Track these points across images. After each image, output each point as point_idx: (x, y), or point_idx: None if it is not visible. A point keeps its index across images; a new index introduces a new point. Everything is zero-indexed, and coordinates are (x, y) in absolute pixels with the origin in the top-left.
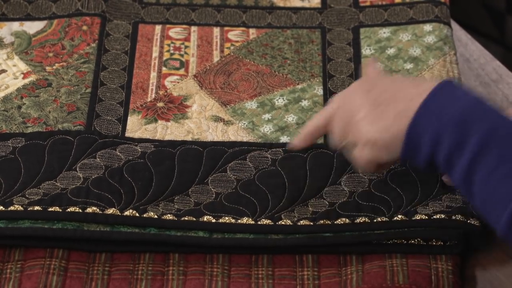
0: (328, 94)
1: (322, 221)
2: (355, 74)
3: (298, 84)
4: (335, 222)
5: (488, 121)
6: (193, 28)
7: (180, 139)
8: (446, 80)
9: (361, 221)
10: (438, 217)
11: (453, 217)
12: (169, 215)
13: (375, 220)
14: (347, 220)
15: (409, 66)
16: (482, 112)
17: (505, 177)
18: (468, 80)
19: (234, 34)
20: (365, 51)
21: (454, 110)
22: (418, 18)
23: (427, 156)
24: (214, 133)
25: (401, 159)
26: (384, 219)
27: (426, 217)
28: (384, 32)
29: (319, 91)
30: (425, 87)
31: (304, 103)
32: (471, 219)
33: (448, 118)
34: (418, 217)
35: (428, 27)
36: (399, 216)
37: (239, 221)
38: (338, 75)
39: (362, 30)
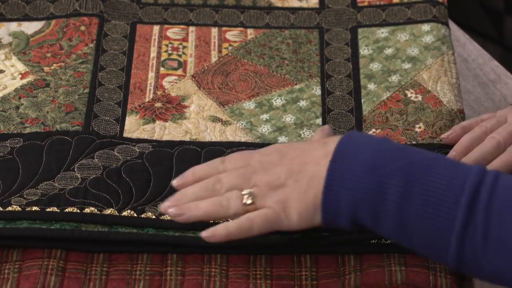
0: (326, 94)
1: None
2: (353, 74)
3: (296, 84)
4: None
5: (400, 159)
6: (191, 28)
7: (178, 140)
8: (347, 134)
9: None
10: None
11: None
12: (167, 215)
13: None
14: None
15: (407, 66)
16: (390, 153)
17: (435, 210)
18: (466, 80)
19: (232, 34)
20: (363, 51)
21: (364, 159)
22: (416, 18)
23: (348, 215)
24: (212, 134)
25: (322, 224)
26: None
27: None
28: (382, 32)
29: (317, 91)
30: (330, 147)
31: (302, 103)
32: None
33: (360, 169)
34: None
35: (426, 27)
36: None
37: None
38: (336, 75)
39: (360, 30)
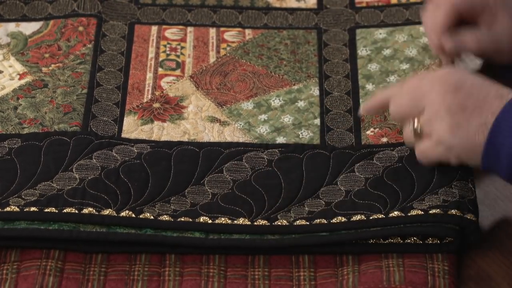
0: (324, 94)
1: (318, 221)
2: (351, 75)
3: (294, 84)
4: (331, 221)
5: None
6: (189, 29)
7: (176, 140)
8: None
9: (357, 219)
10: (434, 212)
11: (449, 212)
12: (165, 215)
13: (371, 218)
14: (343, 218)
15: (405, 66)
16: None
17: None
18: None
19: (230, 34)
20: (361, 51)
21: None
22: (414, 19)
23: (507, 169)
24: (210, 134)
25: (482, 169)
26: (380, 216)
27: (422, 212)
28: (380, 33)
29: (315, 91)
30: (505, 100)
31: (300, 103)
32: (467, 214)
33: None
34: (414, 212)
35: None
36: (395, 212)
37: (235, 221)
38: (334, 76)
39: (358, 31)
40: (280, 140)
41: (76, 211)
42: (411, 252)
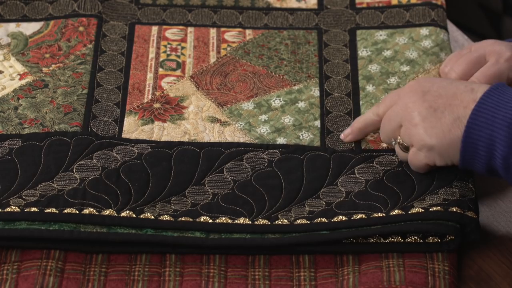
0: (324, 95)
1: (318, 220)
2: (352, 76)
3: (294, 85)
4: (332, 220)
5: None
6: (190, 29)
7: (176, 140)
8: (498, 84)
9: (358, 217)
10: (434, 209)
11: (450, 210)
12: (165, 215)
13: (371, 216)
14: (344, 217)
15: (405, 68)
16: None
17: None
18: None
19: (231, 35)
20: (362, 52)
21: (504, 113)
22: (414, 21)
23: (485, 162)
24: (211, 134)
25: (460, 166)
26: (381, 214)
27: (423, 210)
28: (381, 34)
29: (316, 92)
30: (477, 95)
31: (301, 104)
32: (467, 211)
33: (500, 122)
34: (414, 210)
35: (424, 31)
36: (396, 211)
37: (236, 221)
38: (335, 76)
39: (358, 32)
40: (281, 140)
41: (77, 212)
42: (411, 251)
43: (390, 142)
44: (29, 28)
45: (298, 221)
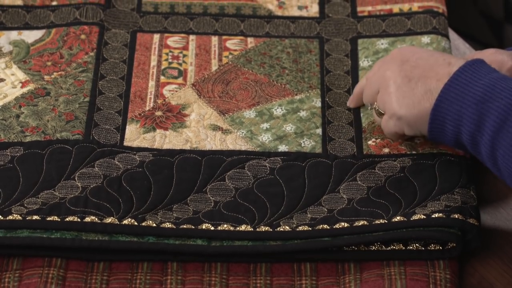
0: (325, 107)
1: (320, 226)
2: (353, 89)
3: (296, 94)
4: (334, 227)
5: (505, 98)
6: (191, 37)
7: (178, 148)
8: (473, 60)
9: (360, 224)
10: (436, 216)
11: (452, 216)
12: (167, 223)
13: (373, 223)
14: (345, 224)
15: None
16: (500, 90)
17: None
18: None
19: (232, 43)
20: (363, 62)
21: (475, 90)
22: (416, 29)
23: (452, 137)
24: (213, 142)
25: (428, 137)
26: (383, 221)
27: (425, 216)
28: (382, 43)
29: (317, 103)
30: (455, 67)
31: (302, 113)
32: (469, 218)
33: (469, 99)
34: (416, 217)
35: (426, 39)
36: (397, 217)
37: (238, 228)
38: (336, 89)
39: (360, 41)
40: (282, 148)
41: (78, 220)
42: (413, 259)
43: (371, 106)
44: (31, 36)
45: (300, 228)
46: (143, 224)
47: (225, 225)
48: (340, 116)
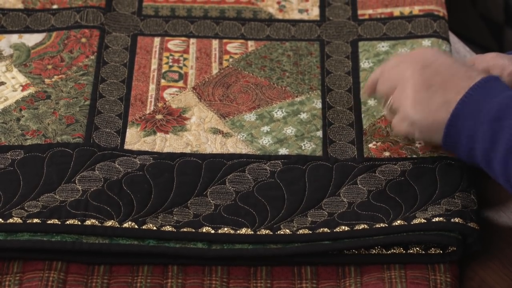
0: (326, 107)
1: (321, 230)
2: (354, 88)
3: (297, 96)
4: (334, 230)
5: None
6: (192, 40)
7: (179, 151)
8: (490, 77)
9: (360, 228)
10: (437, 220)
11: (452, 220)
12: (168, 226)
13: (374, 227)
14: (346, 227)
15: None
16: None
17: None
18: None
19: (233, 46)
20: (364, 64)
21: (489, 107)
22: (416, 32)
23: (466, 152)
24: (213, 145)
25: (442, 148)
26: (383, 225)
27: (425, 220)
28: (383, 46)
29: (318, 104)
30: (471, 83)
31: (303, 115)
32: (469, 222)
33: (483, 116)
34: (417, 221)
35: (426, 42)
36: (398, 221)
37: (238, 231)
38: (337, 89)
39: (360, 43)
40: (283, 151)
41: (79, 223)
42: (413, 263)
43: (383, 100)
44: (31, 39)
45: (300, 231)
46: (143, 227)
47: (226, 229)
48: (341, 117)
